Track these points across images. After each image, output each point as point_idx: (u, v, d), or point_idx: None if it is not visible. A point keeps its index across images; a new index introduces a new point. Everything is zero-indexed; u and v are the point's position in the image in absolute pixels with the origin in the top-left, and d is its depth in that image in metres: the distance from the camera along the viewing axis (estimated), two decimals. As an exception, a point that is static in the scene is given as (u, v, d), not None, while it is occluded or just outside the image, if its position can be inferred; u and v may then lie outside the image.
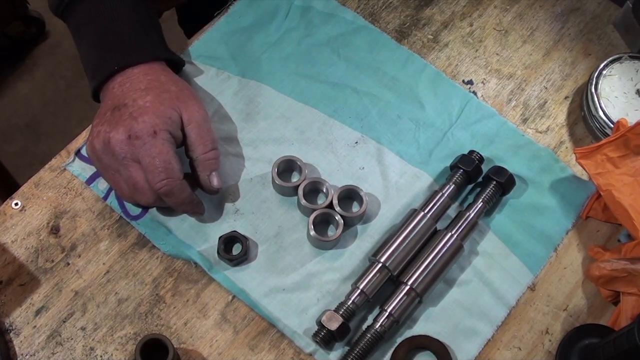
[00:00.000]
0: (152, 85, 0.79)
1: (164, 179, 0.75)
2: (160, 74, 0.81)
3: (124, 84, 0.79)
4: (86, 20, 0.82)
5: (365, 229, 0.84)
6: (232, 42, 0.93)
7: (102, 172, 0.79)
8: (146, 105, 0.76)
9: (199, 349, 0.77)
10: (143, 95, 0.77)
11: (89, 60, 0.82)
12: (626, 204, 0.80)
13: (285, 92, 0.90)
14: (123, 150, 0.75)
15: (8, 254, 0.80)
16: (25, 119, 1.97)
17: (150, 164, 0.74)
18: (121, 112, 0.77)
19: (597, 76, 0.90)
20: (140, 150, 0.75)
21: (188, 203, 0.78)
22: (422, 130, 0.89)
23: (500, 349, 0.79)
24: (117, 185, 0.78)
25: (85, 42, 0.83)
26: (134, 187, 0.76)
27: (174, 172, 0.75)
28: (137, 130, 0.75)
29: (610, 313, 0.81)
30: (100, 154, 0.77)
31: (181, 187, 0.76)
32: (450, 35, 0.97)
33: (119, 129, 0.75)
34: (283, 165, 0.84)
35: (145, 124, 0.75)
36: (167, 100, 0.78)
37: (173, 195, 0.76)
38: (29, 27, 2.05)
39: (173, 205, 0.78)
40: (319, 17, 0.95)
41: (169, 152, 0.75)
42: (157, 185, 0.75)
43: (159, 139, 0.75)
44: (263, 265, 0.81)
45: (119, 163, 0.76)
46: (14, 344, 0.76)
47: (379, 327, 0.75)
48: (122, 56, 0.80)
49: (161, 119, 0.76)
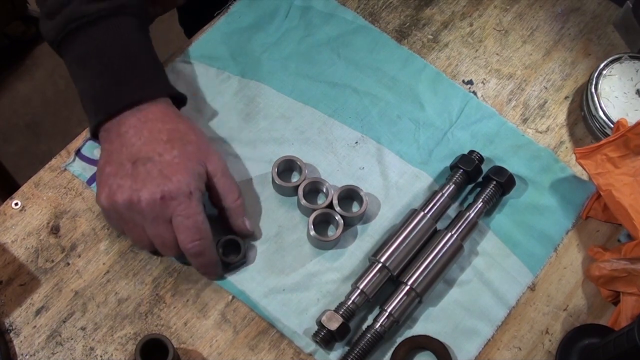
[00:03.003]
0: (174, 137, 0.75)
1: (196, 239, 0.73)
2: (178, 122, 0.76)
3: (141, 130, 0.74)
4: (92, 49, 0.76)
5: (365, 229, 0.84)
6: (232, 42, 0.93)
7: (117, 223, 0.75)
8: (175, 162, 0.73)
9: (199, 349, 0.77)
10: (169, 149, 0.73)
11: (94, 93, 0.77)
12: (626, 204, 0.80)
13: (285, 92, 0.90)
14: (155, 210, 0.72)
15: (8, 254, 0.80)
16: (25, 119, 1.97)
17: (183, 224, 0.72)
18: (147, 168, 0.72)
19: (597, 76, 0.90)
20: (174, 211, 0.72)
21: (213, 265, 0.77)
22: (422, 130, 0.89)
23: (500, 349, 0.79)
24: (138, 238, 0.75)
25: (88, 74, 0.77)
26: (162, 244, 0.74)
27: (206, 232, 0.74)
28: (172, 191, 0.71)
29: (610, 313, 0.81)
30: (122, 210, 0.73)
31: (211, 247, 0.75)
32: (450, 35, 0.97)
33: (150, 188, 0.71)
34: (283, 165, 0.84)
35: (181, 183, 0.72)
36: (192, 154, 0.75)
37: (203, 256, 0.75)
38: (29, 27, 2.05)
39: (197, 265, 0.76)
40: (319, 17, 0.95)
41: (202, 212, 0.73)
42: (189, 246, 0.73)
43: (194, 199, 0.73)
44: (263, 266, 0.81)
45: (147, 222, 0.73)
46: (14, 344, 0.76)
47: (379, 327, 0.75)
48: (136, 89, 0.75)
49: (192, 177, 0.73)
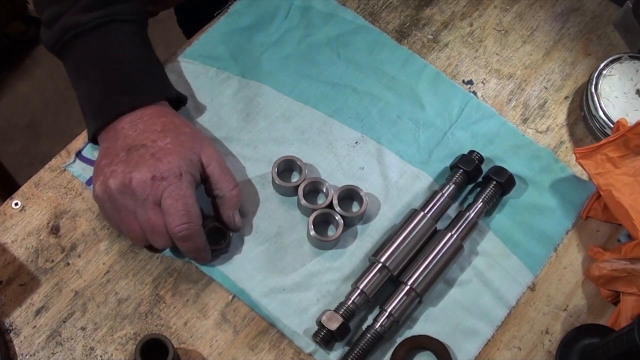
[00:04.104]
0: (168, 128, 0.77)
1: (184, 222, 0.73)
2: (173, 116, 0.79)
3: (136, 124, 0.76)
4: (89, 58, 0.78)
5: (365, 229, 0.84)
6: (232, 42, 0.93)
7: (111, 213, 0.76)
8: (167, 147, 0.75)
9: (199, 349, 0.77)
10: (162, 137, 0.75)
11: (92, 100, 0.79)
12: (626, 204, 0.80)
13: (285, 92, 0.90)
14: (145, 191, 0.73)
15: (8, 254, 0.80)
16: (25, 119, 1.97)
17: (172, 206, 0.73)
18: (140, 153, 0.74)
19: (597, 76, 0.90)
20: (164, 192, 0.73)
21: (202, 250, 0.77)
22: (422, 130, 0.89)
23: (500, 349, 0.79)
24: (129, 227, 0.75)
25: (88, 81, 0.79)
26: (151, 230, 0.74)
27: (195, 216, 0.74)
28: (163, 171, 0.73)
29: (610, 313, 0.81)
30: (115, 194, 0.73)
31: (199, 232, 0.75)
32: (450, 35, 0.97)
33: (141, 169, 0.73)
34: (283, 165, 0.84)
35: (171, 164, 0.73)
36: (185, 142, 0.76)
37: (190, 240, 0.74)
38: (29, 27, 2.05)
39: (185, 250, 0.76)
40: (319, 17, 0.95)
41: (192, 195, 0.74)
42: (177, 229, 0.73)
43: (184, 181, 0.73)
44: (263, 265, 0.81)
45: (138, 205, 0.73)
46: (14, 344, 0.76)
47: (379, 327, 0.75)
48: (134, 96, 0.77)
49: (184, 161, 0.75)
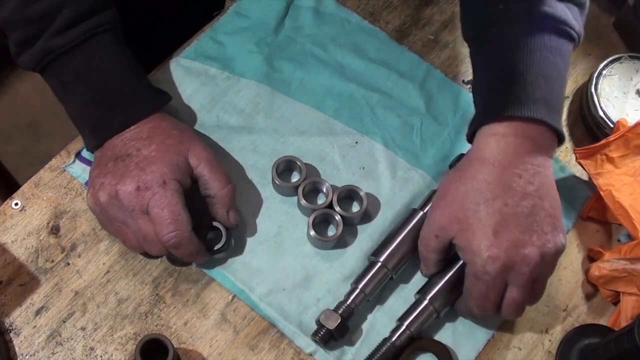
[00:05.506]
0: (154, 133, 0.76)
1: (172, 231, 0.73)
2: (160, 120, 0.78)
3: (124, 134, 0.76)
4: (75, 78, 0.77)
5: (365, 229, 0.84)
6: (232, 42, 0.93)
7: (106, 223, 0.77)
8: (152, 155, 0.74)
9: (199, 349, 0.77)
10: (147, 145, 0.75)
11: (85, 118, 0.79)
12: (626, 204, 0.80)
13: (285, 92, 0.90)
14: (132, 202, 0.73)
15: (8, 254, 0.80)
16: (25, 119, 1.97)
17: (159, 215, 0.72)
18: (126, 163, 0.74)
19: (597, 76, 0.90)
20: (149, 202, 0.73)
21: (195, 254, 0.77)
22: (422, 130, 0.89)
23: (500, 349, 0.79)
24: (124, 236, 0.76)
25: (76, 100, 0.78)
26: (143, 239, 0.74)
27: (182, 224, 0.73)
28: (146, 181, 0.73)
29: (610, 313, 0.81)
30: (105, 206, 0.74)
31: (190, 239, 0.74)
32: (451, 35, 0.97)
33: (126, 180, 0.73)
34: (283, 165, 0.84)
35: (155, 174, 0.73)
36: (171, 146, 0.76)
37: (181, 247, 0.74)
38: (29, 27, 2.05)
39: (179, 256, 0.76)
40: (319, 17, 0.95)
41: (178, 202, 0.73)
42: (165, 238, 0.73)
43: (169, 189, 0.73)
44: (263, 265, 0.81)
45: (127, 215, 0.74)
46: (14, 344, 0.76)
47: (397, 341, 0.76)
48: (125, 114, 0.77)
49: (169, 168, 0.74)
